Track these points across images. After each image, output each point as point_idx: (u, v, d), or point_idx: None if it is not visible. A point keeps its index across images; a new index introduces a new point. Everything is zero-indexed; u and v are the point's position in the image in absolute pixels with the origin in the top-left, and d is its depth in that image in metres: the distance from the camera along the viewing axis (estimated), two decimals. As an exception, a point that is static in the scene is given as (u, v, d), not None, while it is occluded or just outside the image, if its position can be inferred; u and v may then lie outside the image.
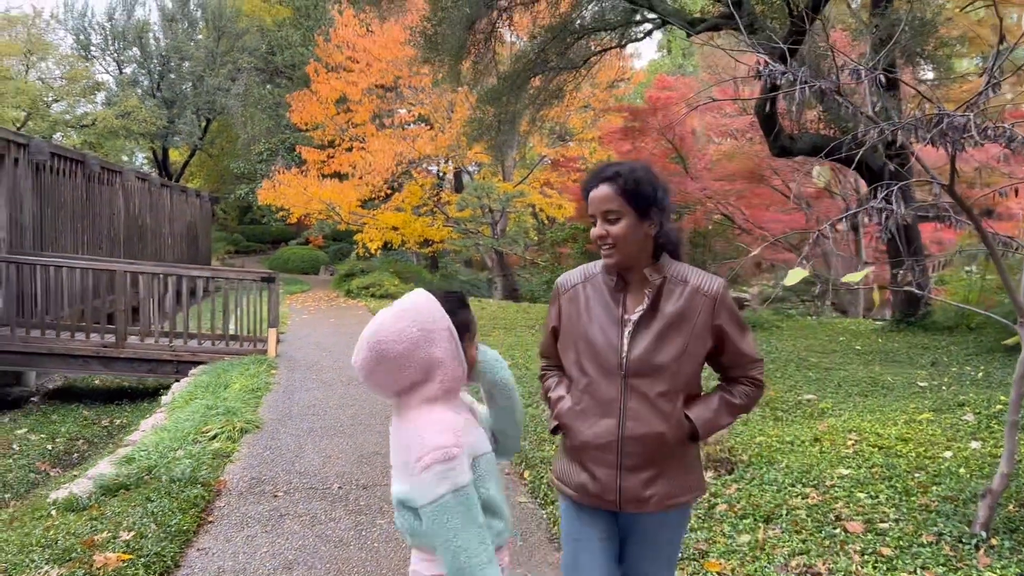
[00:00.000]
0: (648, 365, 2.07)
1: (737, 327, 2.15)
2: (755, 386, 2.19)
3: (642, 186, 2.07)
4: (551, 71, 10.68)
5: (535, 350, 9.53)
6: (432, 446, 1.71)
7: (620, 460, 2.10)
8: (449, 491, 1.69)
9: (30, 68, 30.15)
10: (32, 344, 9.57)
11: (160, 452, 5.18)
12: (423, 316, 1.81)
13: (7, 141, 10.36)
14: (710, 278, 2.14)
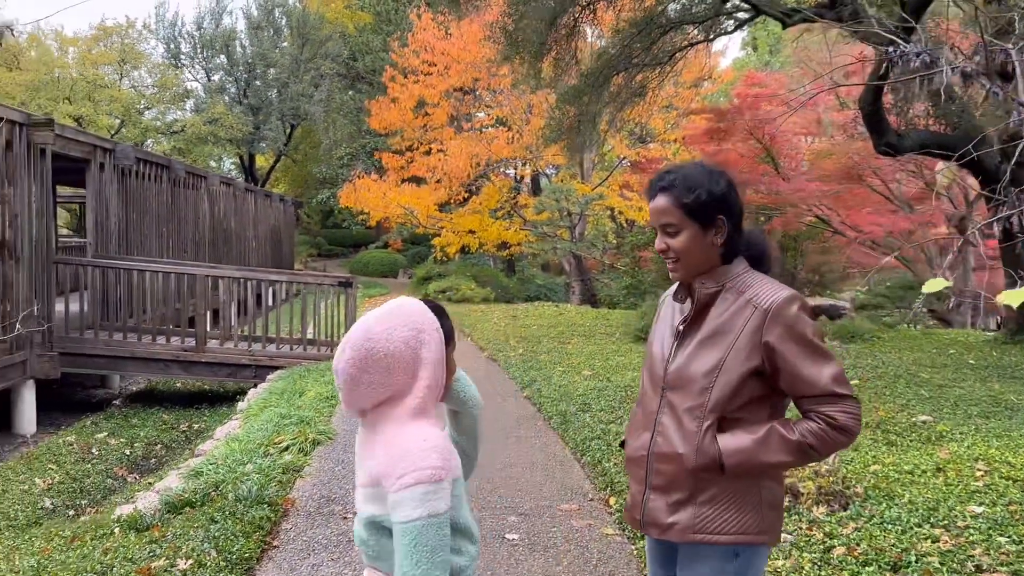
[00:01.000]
0: (680, 377, 1.91)
1: (800, 348, 1.81)
2: (829, 426, 1.80)
3: (701, 193, 1.87)
4: (634, 68, 10.23)
5: (616, 359, 9.10)
6: (418, 465, 1.57)
7: (648, 477, 1.94)
8: (425, 516, 1.55)
9: (124, 76, 31.27)
10: (115, 347, 9.66)
11: (229, 466, 4.99)
12: (413, 317, 1.71)
13: (93, 146, 10.52)
14: (774, 290, 1.86)
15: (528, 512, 4.39)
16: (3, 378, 8.29)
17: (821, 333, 1.84)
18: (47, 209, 9.31)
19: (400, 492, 1.57)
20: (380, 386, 1.67)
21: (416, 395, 1.68)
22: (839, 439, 1.81)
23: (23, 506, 6.20)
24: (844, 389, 1.81)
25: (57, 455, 7.50)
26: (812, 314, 1.86)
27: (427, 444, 1.61)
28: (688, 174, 1.91)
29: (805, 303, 1.85)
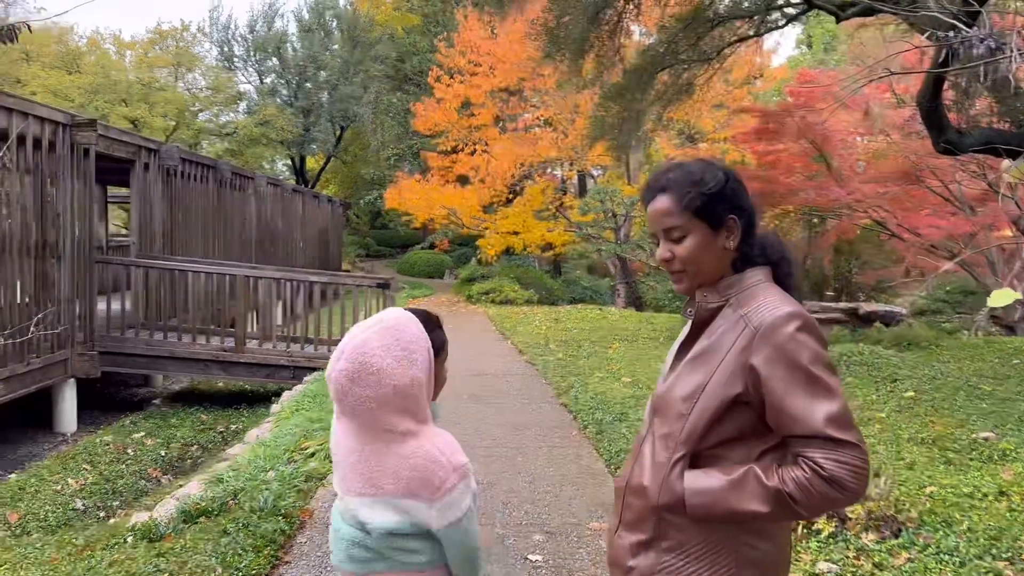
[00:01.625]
0: (663, 400, 1.69)
1: (790, 375, 1.50)
2: (815, 474, 1.47)
3: (709, 189, 1.63)
4: (681, 65, 9.90)
5: (657, 366, 8.81)
6: (453, 466, 1.71)
7: (622, 511, 1.74)
8: (470, 502, 1.72)
9: (178, 79, 31.83)
10: (155, 347, 9.70)
11: (251, 473, 4.87)
12: (405, 333, 1.75)
13: (137, 147, 10.60)
14: (773, 305, 1.57)
15: (554, 530, 4.16)
16: (44, 376, 8.36)
17: (826, 362, 1.53)
18: (90, 209, 9.38)
19: (446, 497, 1.68)
20: (368, 399, 1.69)
21: (417, 408, 1.73)
22: (828, 494, 1.47)
23: (54, 507, 6.19)
24: (841, 432, 1.47)
25: (93, 455, 7.51)
26: (819, 337, 1.55)
27: (446, 447, 1.73)
28: (691, 169, 1.68)
29: (810, 323, 1.55)
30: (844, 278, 15.79)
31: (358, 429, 1.74)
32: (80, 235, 9.11)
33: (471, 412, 7.08)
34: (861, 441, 1.49)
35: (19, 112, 7.69)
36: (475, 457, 5.57)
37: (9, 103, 7.54)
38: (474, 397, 7.76)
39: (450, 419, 6.75)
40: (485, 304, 17.41)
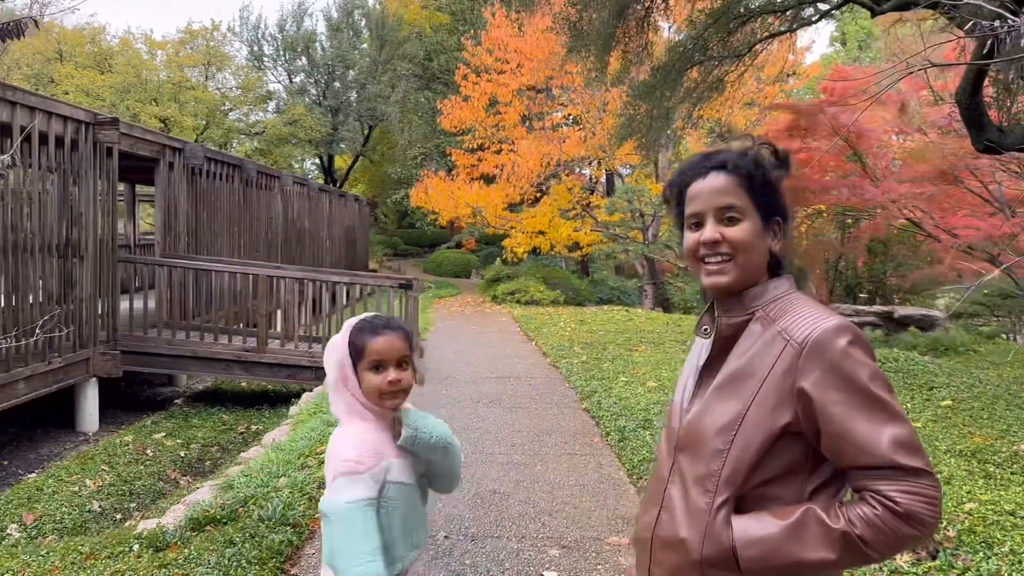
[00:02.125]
0: (691, 434, 1.47)
1: (849, 398, 1.31)
2: (888, 511, 1.28)
3: (771, 178, 1.47)
4: (711, 61, 9.67)
5: (686, 370, 8.60)
6: (340, 458, 1.82)
7: (650, 567, 1.51)
8: (344, 501, 1.78)
9: (209, 79, 32.07)
10: (177, 347, 9.66)
11: (262, 479, 4.75)
12: (335, 340, 1.95)
13: (162, 145, 10.58)
14: (816, 319, 1.37)
15: (572, 544, 3.99)
16: (66, 376, 8.35)
17: (884, 380, 1.34)
18: (113, 208, 9.37)
19: (331, 483, 1.81)
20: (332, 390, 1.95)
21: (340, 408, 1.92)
22: (903, 531, 1.27)
23: (71, 508, 6.14)
24: (913, 460, 1.28)
25: (112, 455, 7.47)
26: (870, 352, 1.36)
27: (349, 441, 1.84)
28: (754, 156, 1.49)
29: (861, 336, 1.36)
30: (878, 280, 15.40)
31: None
32: (103, 234, 9.11)
33: (491, 416, 6.93)
34: (931, 467, 1.31)
35: (41, 110, 7.67)
36: (494, 464, 5.42)
37: (31, 101, 7.52)
38: (495, 401, 7.60)
39: (469, 424, 6.61)
40: (510, 304, 17.26)
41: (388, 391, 1.86)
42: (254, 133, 33.84)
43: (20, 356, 7.51)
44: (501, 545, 3.94)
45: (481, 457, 5.59)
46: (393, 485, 1.84)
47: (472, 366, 9.73)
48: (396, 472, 1.86)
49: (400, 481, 1.86)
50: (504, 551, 3.87)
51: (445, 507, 4.47)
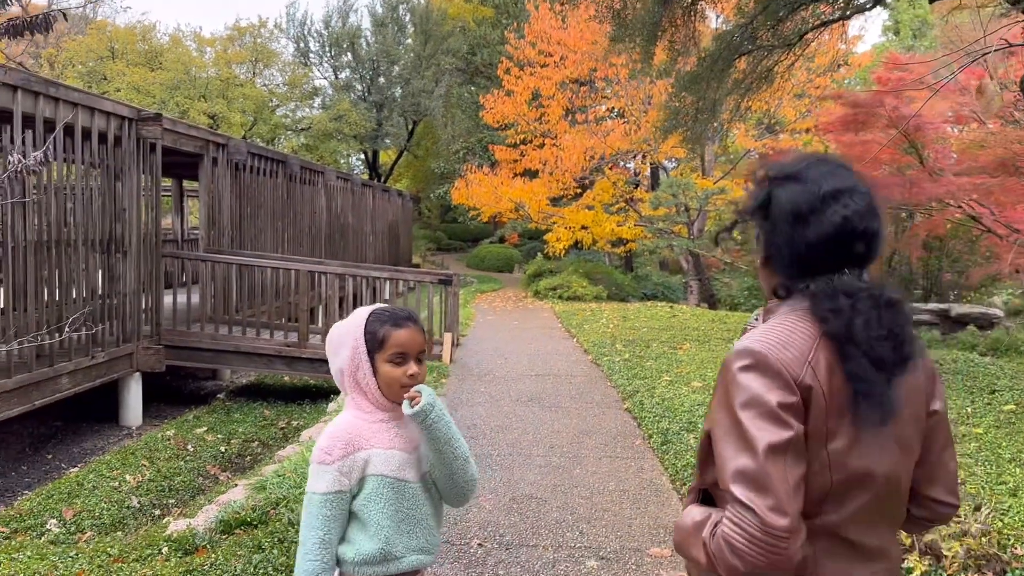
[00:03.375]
0: None
1: (724, 419, 1.34)
2: (720, 535, 1.28)
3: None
4: (760, 51, 9.36)
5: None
6: (316, 447, 1.83)
7: None
8: (310, 490, 1.81)
9: (256, 75, 32.41)
10: (220, 342, 9.70)
11: (295, 480, 4.67)
12: (344, 328, 1.91)
13: (205, 141, 10.63)
14: (745, 339, 1.40)
15: (610, 556, 3.82)
16: (110, 370, 8.42)
17: (761, 407, 1.28)
18: (156, 203, 9.43)
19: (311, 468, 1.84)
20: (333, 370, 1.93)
21: (348, 394, 1.90)
22: (727, 559, 1.26)
23: (109, 504, 6.15)
24: (744, 492, 1.25)
25: (153, 450, 7.50)
26: (771, 378, 1.29)
27: (329, 430, 1.84)
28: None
29: (761, 362, 1.31)
30: (933, 277, 14.87)
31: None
32: (146, 229, 9.17)
33: (530, 415, 6.77)
34: (773, 511, 1.23)
35: (84, 106, 7.72)
36: (531, 466, 5.27)
37: (74, 97, 7.57)
38: (535, 399, 7.45)
39: (507, 423, 6.47)
40: (552, 300, 17.08)
41: (408, 384, 1.84)
42: (300, 129, 34.14)
43: (64, 351, 7.57)
44: (536, 555, 3.79)
45: (519, 459, 5.44)
46: (373, 478, 1.80)
47: (511, 363, 9.59)
48: (378, 464, 1.81)
49: (382, 474, 1.81)
50: (539, 561, 3.71)
51: (480, 513, 4.33)
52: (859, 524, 1.37)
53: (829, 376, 1.31)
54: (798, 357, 1.31)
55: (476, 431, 6.22)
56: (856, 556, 1.37)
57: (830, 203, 1.38)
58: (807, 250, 1.40)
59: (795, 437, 1.27)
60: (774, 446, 1.26)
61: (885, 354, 1.32)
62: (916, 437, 1.43)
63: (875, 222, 1.42)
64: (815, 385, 1.30)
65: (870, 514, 1.37)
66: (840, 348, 1.32)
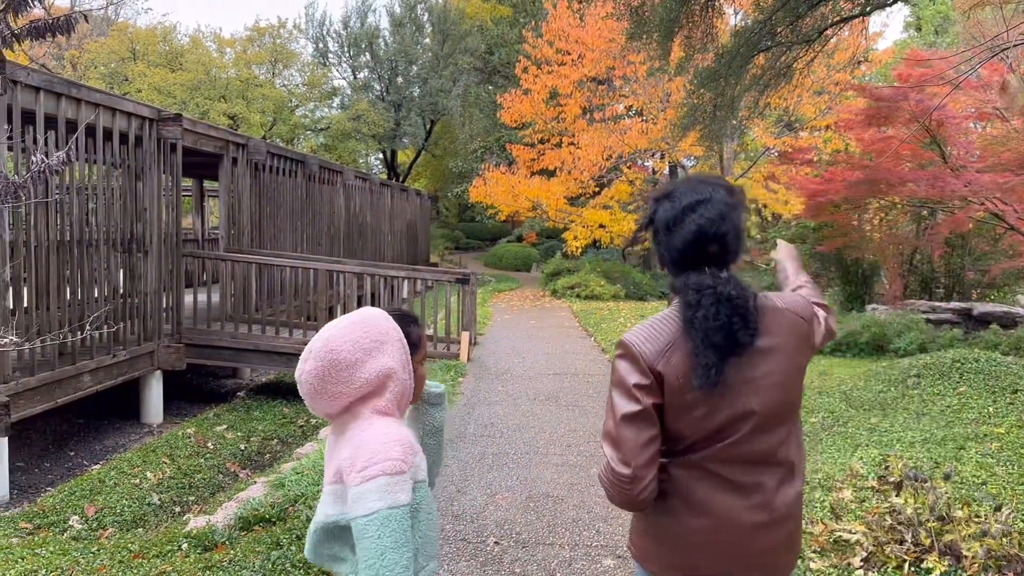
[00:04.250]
0: None
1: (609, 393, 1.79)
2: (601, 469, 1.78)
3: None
4: (778, 47, 9.28)
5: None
6: (380, 457, 1.60)
7: None
8: (386, 507, 1.57)
9: (276, 75, 32.61)
10: (241, 340, 9.77)
11: (313, 477, 4.70)
12: (375, 327, 1.75)
13: (225, 141, 10.71)
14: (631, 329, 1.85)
15: (627, 555, 3.81)
16: (131, 368, 8.51)
17: (625, 386, 1.69)
18: (177, 203, 9.51)
19: (362, 485, 1.57)
20: (342, 395, 1.68)
21: (380, 397, 1.71)
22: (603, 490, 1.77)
23: (131, 501, 6.22)
24: (605, 446, 1.73)
25: (173, 448, 7.57)
26: (631, 362, 1.69)
27: (388, 438, 1.63)
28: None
29: (627, 352, 1.71)
30: (954, 275, 14.68)
31: (334, 424, 1.75)
32: (167, 229, 9.25)
33: (547, 414, 6.77)
34: (618, 463, 1.68)
35: (105, 107, 7.80)
36: (548, 465, 5.27)
37: (96, 98, 7.65)
38: (552, 398, 7.45)
39: (524, 422, 6.47)
40: (570, 299, 17.05)
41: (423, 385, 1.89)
42: (319, 129, 34.32)
43: (86, 349, 7.66)
44: (553, 553, 3.78)
45: (536, 457, 5.44)
46: (420, 484, 1.72)
47: (529, 362, 9.59)
48: (421, 470, 1.74)
49: (424, 480, 1.74)
50: (556, 560, 3.71)
51: (496, 511, 4.34)
52: (723, 461, 1.70)
53: (685, 360, 1.65)
54: (657, 349, 1.66)
55: (493, 430, 6.23)
56: (722, 485, 1.71)
57: (688, 214, 1.72)
58: (676, 254, 1.73)
59: (644, 410, 1.65)
60: (626, 415, 1.66)
61: (718, 340, 1.62)
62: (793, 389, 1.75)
63: (725, 227, 1.71)
64: (667, 372, 1.65)
65: (731, 454, 1.69)
66: (687, 332, 1.65)
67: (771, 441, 1.72)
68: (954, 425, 5.49)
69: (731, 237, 1.72)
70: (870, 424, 5.71)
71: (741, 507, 1.71)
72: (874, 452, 4.85)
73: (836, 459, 4.76)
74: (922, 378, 6.59)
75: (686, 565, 1.75)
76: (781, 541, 1.77)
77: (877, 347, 9.53)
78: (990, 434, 5.35)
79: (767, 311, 1.72)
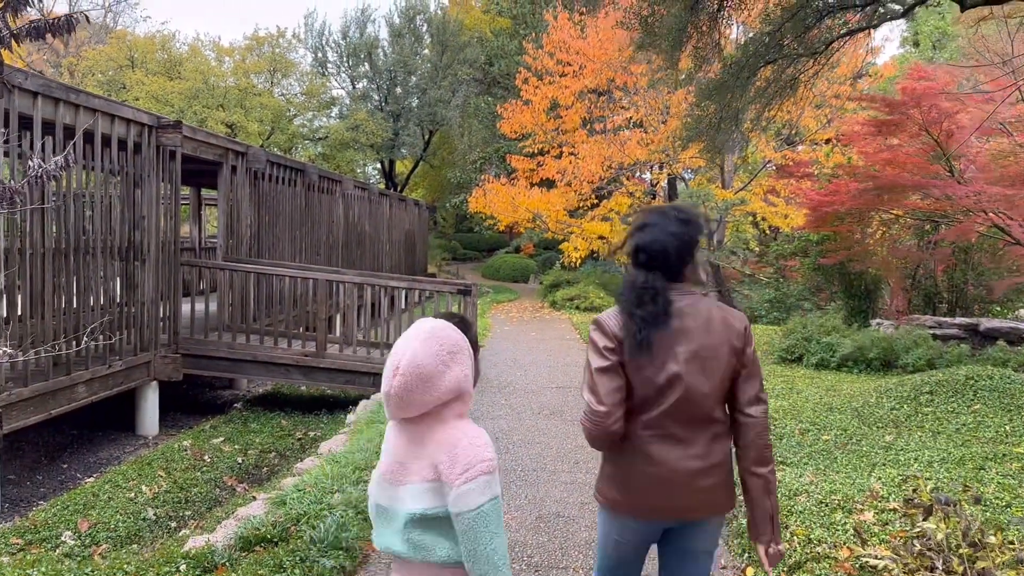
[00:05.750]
0: None
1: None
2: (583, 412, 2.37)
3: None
4: (785, 59, 9.21)
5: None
6: (481, 458, 1.82)
7: None
8: (489, 500, 1.79)
9: (274, 85, 32.51)
10: (237, 351, 9.62)
11: (315, 495, 4.54)
12: (449, 339, 1.90)
13: (225, 149, 10.58)
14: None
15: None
16: (127, 379, 8.35)
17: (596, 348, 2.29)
18: (176, 211, 9.37)
19: (467, 484, 1.78)
20: (425, 403, 1.84)
21: (461, 402, 1.90)
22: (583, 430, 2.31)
23: (125, 516, 6.05)
24: (584, 393, 2.29)
25: (169, 461, 7.40)
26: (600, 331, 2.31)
27: (479, 441, 1.84)
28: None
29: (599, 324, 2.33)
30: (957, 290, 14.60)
31: (414, 429, 1.88)
32: (165, 237, 9.11)
33: (553, 429, 6.63)
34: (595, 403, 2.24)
35: (104, 113, 7.68)
36: (556, 483, 5.12)
37: (95, 104, 7.53)
38: (556, 412, 7.30)
39: (529, 437, 6.33)
40: (569, 311, 16.93)
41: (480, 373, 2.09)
42: (318, 138, 34.20)
43: (81, 359, 7.50)
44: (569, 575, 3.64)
45: (543, 475, 5.30)
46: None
47: (531, 375, 9.45)
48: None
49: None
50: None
51: (507, 532, 4.19)
52: (667, 419, 2.24)
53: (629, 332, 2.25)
54: (617, 323, 2.27)
55: (499, 445, 6.09)
56: (669, 440, 2.25)
57: (634, 235, 2.36)
58: (631, 260, 2.37)
59: (611, 365, 2.24)
60: (599, 368, 2.25)
61: (638, 319, 2.22)
62: (716, 369, 2.24)
63: (653, 245, 2.29)
64: (623, 336, 2.24)
65: (673, 414, 2.24)
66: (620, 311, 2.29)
67: (703, 406, 2.24)
68: (971, 444, 5.36)
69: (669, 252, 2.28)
70: (885, 442, 5.59)
71: (682, 456, 2.24)
72: (892, 472, 4.72)
73: (854, 479, 4.63)
74: (935, 395, 6.47)
75: (649, 506, 2.27)
76: (715, 484, 2.27)
77: (885, 363, 9.41)
78: (1009, 454, 5.23)
79: (695, 306, 2.28)
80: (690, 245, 2.30)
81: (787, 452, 5.33)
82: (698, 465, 2.22)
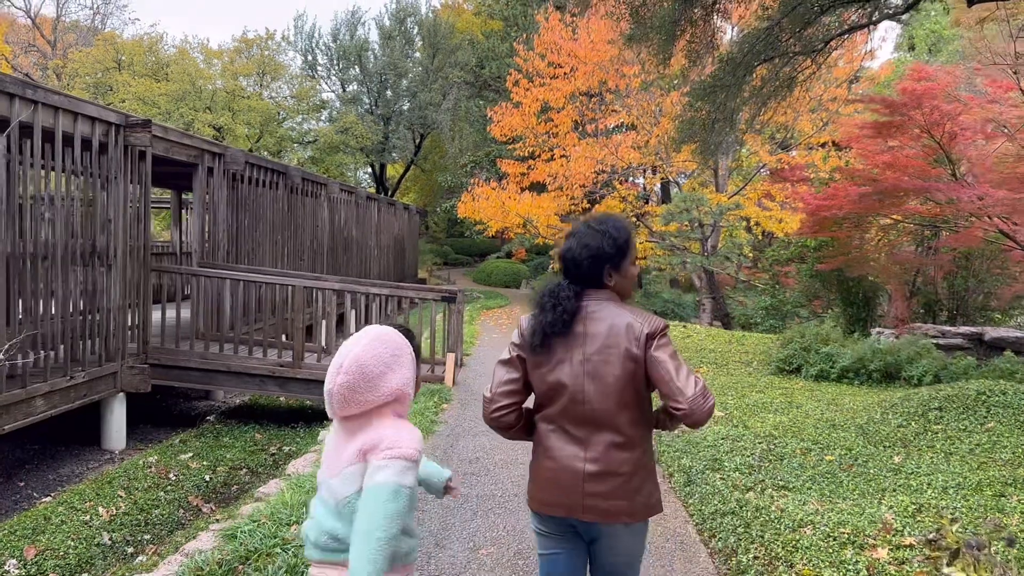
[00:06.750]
0: None
1: None
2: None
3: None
4: (782, 57, 8.85)
5: (752, 397, 7.75)
6: (402, 443, 1.88)
7: None
8: (396, 482, 1.83)
9: (263, 88, 32.06)
10: (211, 361, 9.18)
11: (270, 528, 4.11)
12: (393, 342, 2.01)
13: (200, 150, 10.15)
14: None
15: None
16: (90, 391, 7.90)
17: (509, 344, 2.43)
18: (146, 214, 8.94)
19: (385, 460, 1.86)
20: (367, 402, 1.95)
21: (399, 403, 2.01)
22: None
23: (77, 542, 5.61)
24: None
25: (131, 479, 6.96)
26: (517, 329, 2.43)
27: (407, 433, 1.94)
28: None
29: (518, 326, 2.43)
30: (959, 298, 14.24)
31: (354, 425, 1.96)
32: (134, 241, 8.67)
33: (538, 448, 6.22)
34: (488, 390, 2.44)
35: (65, 110, 7.25)
36: (539, 510, 4.71)
37: (54, 100, 7.10)
38: (543, 428, 6.89)
39: (513, 456, 5.92)
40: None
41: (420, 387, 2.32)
42: (307, 142, 33.77)
43: (39, 370, 7.06)
44: None
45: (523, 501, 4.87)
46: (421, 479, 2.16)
47: (519, 386, 9.02)
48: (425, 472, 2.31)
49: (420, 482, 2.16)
50: None
51: (480, 570, 3.77)
52: (563, 418, 2.29)
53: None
54: (529, 326, 2.35)
55: (478, 466, 5.67)
56: (565, 438, 2.29)
57: (562, 242, 2.41)
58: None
59: (511, 359, 2.38)
60: (500, 360, 2.41)
61: (544, 323, 2.29)
62: (608, 374, 2.24)
63: (567, 255, 2.36)
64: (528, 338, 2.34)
65: (567, 414, 2.29)
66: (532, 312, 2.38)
67: (598, 410, 2.25)
68: (988, 467, 4.97)
69: (582, 260, 2.32)
70: (893, 464, 5.19)
71: (575, 455, 2.27)
72: (904, 499, 4.33)
73: (863, 507, 4.23)
74: (944, 412, 6.08)
75: (542, 499, 2.33)
76: (610, 491, 2.24)
77: (887, 375, 9.02)
78: (1028, 477, 4.84)
79: (601, 312, 2.30)
80: (600, 256, 2.31)
81: (789, 475, 4.93)
82: (590, 468, 2.24)
